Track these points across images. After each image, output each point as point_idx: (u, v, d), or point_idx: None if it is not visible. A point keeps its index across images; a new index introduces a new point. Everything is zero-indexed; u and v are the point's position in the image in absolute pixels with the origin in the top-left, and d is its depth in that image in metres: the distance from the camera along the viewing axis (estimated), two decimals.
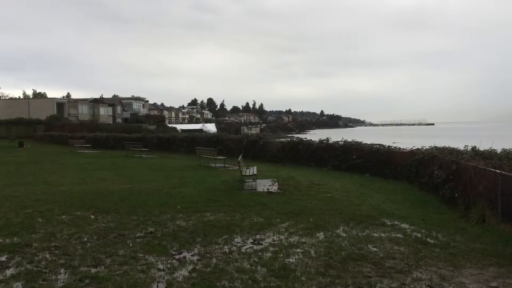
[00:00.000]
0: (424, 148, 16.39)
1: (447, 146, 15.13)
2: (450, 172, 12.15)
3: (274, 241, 7.63)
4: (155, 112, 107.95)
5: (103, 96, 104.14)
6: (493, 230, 8.65)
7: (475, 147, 13.33)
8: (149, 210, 10.27)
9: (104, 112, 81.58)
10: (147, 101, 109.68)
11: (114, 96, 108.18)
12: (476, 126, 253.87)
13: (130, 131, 44.11)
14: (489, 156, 12.05)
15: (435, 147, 15.77)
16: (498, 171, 9.26)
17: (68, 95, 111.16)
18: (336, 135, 26.56)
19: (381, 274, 5.86)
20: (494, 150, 12.63)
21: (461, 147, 14.04)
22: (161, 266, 6.17)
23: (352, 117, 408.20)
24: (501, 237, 8.06)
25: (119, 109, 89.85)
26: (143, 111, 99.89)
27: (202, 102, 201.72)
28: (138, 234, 7.99)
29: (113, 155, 29.47)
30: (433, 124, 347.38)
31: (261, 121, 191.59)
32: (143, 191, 13.27)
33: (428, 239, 7.88)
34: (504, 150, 12.35)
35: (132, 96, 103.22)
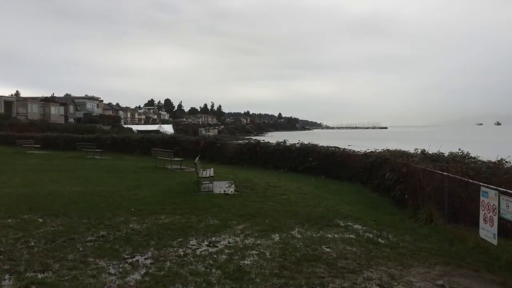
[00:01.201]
0: (377, 151, 16.92)
1: (398, 149, 15.68)
2: (401, 174, 12.60)
3: (229, 243, 7.61)
4: (110, 112, 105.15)
5: (55, 95, 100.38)
6: (440, 230, 9.03)
7: (424, 150, 13.90)
8: (101, 213, 9.98)
9: (55, 111, 78.55)
10: (102, 100, 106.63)
11: (67, 95, 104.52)
12: (427, 130, 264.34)
13: (83, 132, 42.77)
14: (437, 159, 12.60)
15: (387, 150, 16.31)
16: (445, 173, 9.68)
17: (17, 94, 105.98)
18: (293, 138, 26.87)
19: (334, 274, 5.98)
20: (442, 153, 13.22)
21: (411, 150, 14.60)
22: (112, 271, 6.00)
23: (310, 120, 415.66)
24: (447, 236, 8.42)
25: (71, 108, 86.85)
26: (97, 111, 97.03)
27: (159, 102, 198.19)
28: (89, 238, 7.74)
29: (64, 156, 28.42)
30: (386, 128, 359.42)
31: (219, 123, 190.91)
32: (96, 194, 12.87)
33: (379, 240, 8.11)
34: (451, 153, 12.95)
35: (86, 95, 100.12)
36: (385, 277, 5.93)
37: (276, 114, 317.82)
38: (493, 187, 7.22)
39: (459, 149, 13.13)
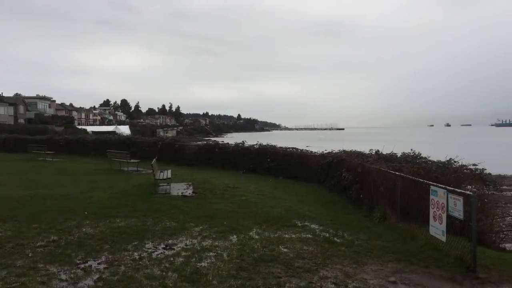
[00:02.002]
0: (334, 151, 17.24)
1: (354, 150, 16.04)
2: (356, 174, 12.89)
3: (186, 245, 7.52)
4: (63, 113, 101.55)
5: (3, 95, 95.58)
6: (393, 228, 9.30)
7: (378, 151, 14.28)
8: (52, 217, 9.61)
9: (4, 111, 74.76)
10: (54, 101, 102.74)
11: (16, 94, 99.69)
12: (382, 131, 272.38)
13: (34, 133, 41.04)
14: (390, 159, 12.99)
15: (343, 150, 16.65)
16: (397, 173, 9.98)
17: None
18: (252, 139, 26.93)
19: (291, 274, 6.03)
20: (395, 153, 13.64)
21: (367, 150, 14.97)
22: (63, 277, 5.79)
23: (269, 121, 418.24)
24: (400, 234, 8.69)
25: (21, 108, 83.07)
26: (50, 112, 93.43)
27: (115, 103, 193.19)
28: (39, 243, 7.43)
29: (13, 158, 27.20)
30: (343, 129, 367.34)
31: (177, 124, 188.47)
32: (47, 197, 12.39)
33: (335, 239, 8.26)
34: (403, 154, 13.38)
35: (37, 95, 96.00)
36: (340, 275, 6.04)
37: (236, 115, 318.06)
38: (442, 186, 7.50)
39: (411, 149, 13.58)
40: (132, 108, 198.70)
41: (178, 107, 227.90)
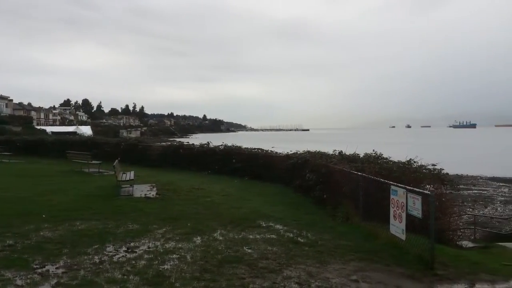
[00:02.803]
0: (299, 152, 17.40)
1: (318, 151, 16.25)
2: (320, 175, 13.06)
3: (149, 248, 7.39)
4: (21, 113, 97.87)
5: None
6: (356, 227, 9.48)
7: (342, 151, 14.53)
8: (9, 220, 9.22)
9: None
10: (11, 100, 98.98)
11: None
12: (346, 132, 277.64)
13: None
14: (353, 159, 13.24)
15: (308, 151, 16.84)
16: (360, 173, 10.17)
17: None
18: (218, 140, 26.79)
19: (255, 275, 6.02)
20: (358, 154, 13.91)
21: (331, 151, 15.20)
22: (19, 282, 5.56)
23: (235, 122, 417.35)
24: (362, 234, 8.86)
25: None
26: (6, 111, 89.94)
27: (76, 103, 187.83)
28: None
29: None
30: (308, 130, 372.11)
31: (141, 125, 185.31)
32: (3, 200, 11.88)
33: (299, 239, 8.33)
34: (366, 154, 13.67)
35: None
36: (304, 275, 6.09)
37: (201, 116, 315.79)
38: (401, 185, 7.70)
39: (373, 150, 13.90)
40: (94, 108, 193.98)
41: (142, 108, 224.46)
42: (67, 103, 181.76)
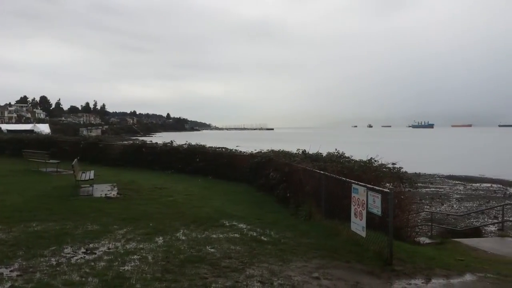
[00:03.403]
0: (263, 151, 17.47)
1: (282, 150, 16.37)
2: (284, 173, 13.15)
3: (109, 249, 7.21)
4: None
5: None
6: (318, 225, 9.60)
7: (305, 150, 14.70)
8: None
9: None
10: None
11: None
12: (310, 132, 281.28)
13: None
14: (316, 158, 13.42)
15: (272, 150, 16.93)
16: (322, 172, 10.32)
17: None
18: (182, 138, 26.53)
19: (217, 274, 5.99)
20: (321, 153, 14.11)
21: (294, 150, 15.34)
22: None
23: (199, 121, 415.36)
24: (324, 231, 8.99)
25: None
26: None
27: (33, 100, 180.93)
28: None
29: None
30: (272, 129, 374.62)
31: (103, 123, 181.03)
32: None
33: (262, 237, 8.36)
34: (328, 153, 13.89)
35: None
36: (266, 273, 6.11)
37: (165, 115, 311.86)
38: (362, 184, 7.86)
39: (336, 149, 14.13)
40: (53, 106, 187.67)
41: (104, 105, 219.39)
42: (23, 100, 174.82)
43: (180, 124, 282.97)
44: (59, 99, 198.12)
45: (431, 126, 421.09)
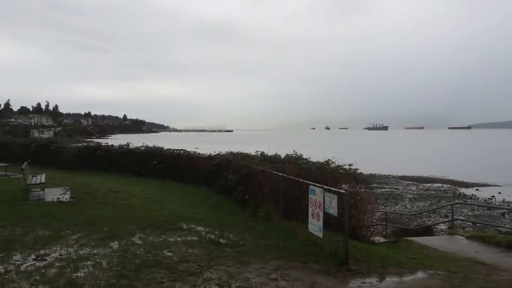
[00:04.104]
0: (221, 153, 17.40)
1: (241, 152, 16.37)
2: (242, 175, 13.15)
3: (61, 255, 6.94)
4: None
5: None
6: (276, 227, 9.66)
7: (263, 152, 14.75)
8: None
9: None
10: None
11: None
12: (269, 134, 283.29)
13: None
14: (274, 160, 13.49)
15: (230, 152, 16.89)
16: (281, 174, 10.39)
17: None
18: (138, 140, 26.02)
19: (174, 279, 5.90)
20: (279, 155, 14.20)
21: (253, 152, 15.36)
22: None
23: (157, 123, 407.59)
24: (282, 233, 9.05)
25: None
26: None
27: None
28: None
29: None
30: (231, 131, 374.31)
31: (55, 124, 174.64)
32: None
33: (220, 240, 8.31)
34: (287, 155, 14.00)
35: None
36: (224, 276, 6.08)
37: (121, 116, 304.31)
38: (319, 185, 7.97)
39: (294, 151, 14.27)
40: (2, 106, 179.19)
41: (56, 106, 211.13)
42: None
43: (137, 126, 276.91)
44: (8, 100, 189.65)
45: (385, 128, 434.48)
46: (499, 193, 32.31)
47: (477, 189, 34.72)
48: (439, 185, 37.65)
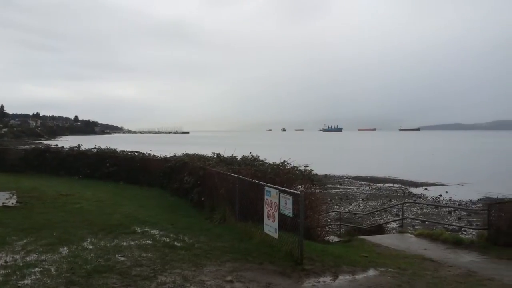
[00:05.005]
0: (177, 155, 17.19)
1: (197, 153, 16.24)
2: (198, 177, 13.05)
3: (6, 262, 6.60)
4: None
5: None
6: (232, 228, 9.64)
7: (220, 154, 14.71)
8: None
9: None
10: None
11: None
12: (226, 135, 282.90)
13: None
14: (231, 162, 13.48)
15: (186, 154, 16.73)
16: (236, 175, 10.38)
17: None
18: (91, 142, 25.27)
19: (127, 284, 5.74)
20: (235, 156, 14.21)
21: (209, 154, 15.28)
22: None
23: (110, 124, 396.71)
24: (238, 234, 9.04)
25: None
26: None
27: None
28: None
29: None
30: (188, 133, 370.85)
31: (1, 125, 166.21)
32: None
33: (175, 243, 8.18)
34: (243, 157, 14.03)
35: None
36: (179, 280, 5.99)
37: (72, 117, 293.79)
38: (274, 186, 8.04)
39: (250, 152, 14.33)
40: None
41: (2, 107, 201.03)
42: None
43: (89, 127, 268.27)
44: None
45: (340, 130, 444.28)
46: (446, 192, 33.85)
47: (425, 189, 36.19)
48: (391, 185, 38.94)
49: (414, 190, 35.27)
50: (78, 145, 21.93)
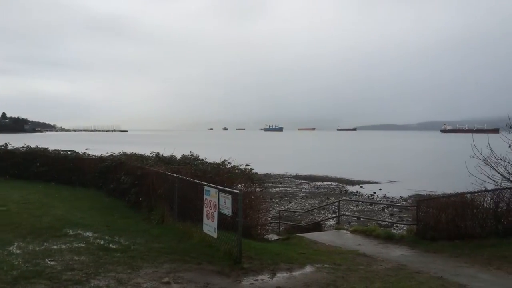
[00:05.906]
0: (114, 154, 16.60)
1: (134, 153, 15.79)
2: (136, 177, 12.68)
3: None
4: None
5: None
6: (171, 229, 9.47)
7: (158, 153, 14.40)
8: None
9: None
10: None
11: None
12: (165, 134, 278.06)
13: None
14: (170, 161, 13.23)
15: (124, 153, 16.21)
16: (176, 175, 10.21)
17: None
18: (19, 141, 23.74)
19: None
20: (175, 156, 13.97)
21: (148, 153, 14.91)
22: None
23: (42, 121, 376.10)
24: (177, 235, 8.89)
25: None
26: None
27: None
28: None
29: None
30: (126, 131, 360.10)
31: None
32: None
33: (110, 245, 7.89)
34: (183, 156, 13.82)
35: None
36: (113, 283, 5.77)
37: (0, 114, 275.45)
38: (214, 186, 7.98)
39: (190, 151, 14.15)
40: None
41: None
42: None
43: (19, 125, 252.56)
44: None
45: (280, 129, 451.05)
46: (380, 189, 35.44)
47: (361, 186, 37.68)
48: (329, 183, 40.13)
49: (350, 188, 36.59)
50: (5, 143, 20.54)
